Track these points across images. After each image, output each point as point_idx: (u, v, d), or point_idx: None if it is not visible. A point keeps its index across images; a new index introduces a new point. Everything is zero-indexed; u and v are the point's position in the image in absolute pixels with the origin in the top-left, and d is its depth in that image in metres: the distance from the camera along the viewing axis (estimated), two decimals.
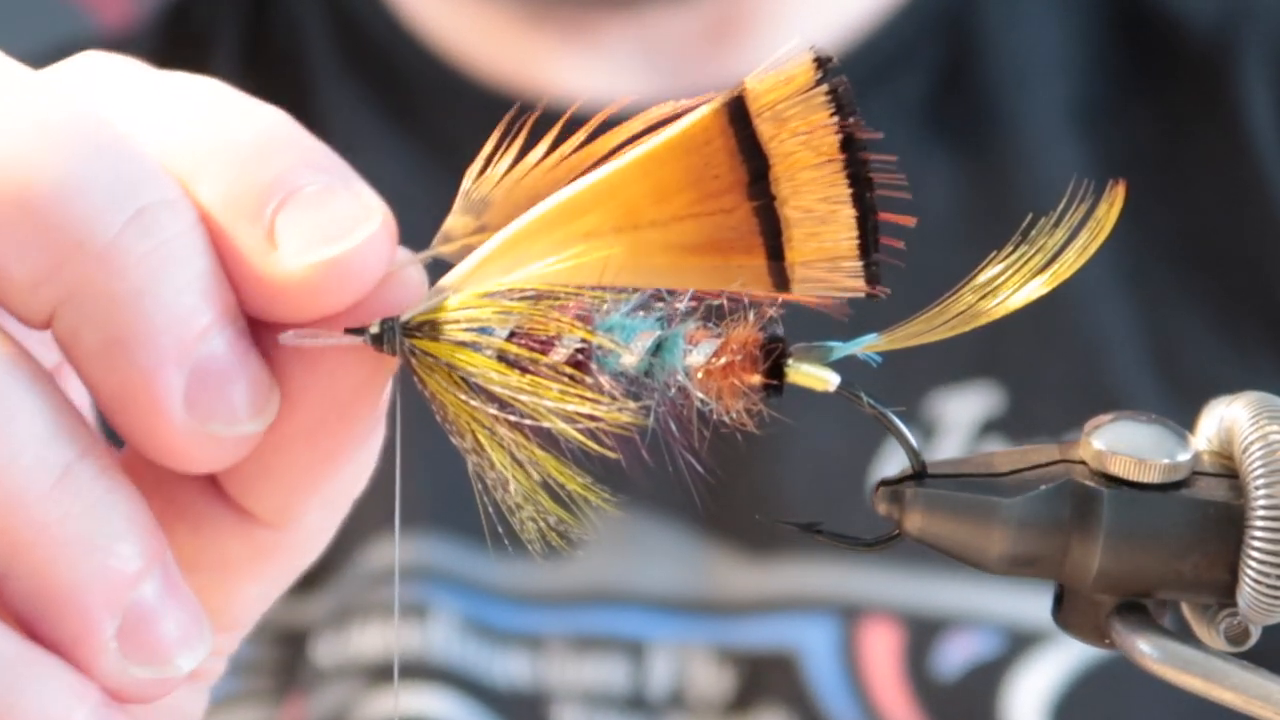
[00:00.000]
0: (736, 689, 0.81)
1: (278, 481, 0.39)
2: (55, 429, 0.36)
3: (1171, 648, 0.39)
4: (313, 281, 0.36)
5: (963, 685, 0.81)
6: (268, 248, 0.36)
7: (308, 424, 0.38)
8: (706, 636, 0.81)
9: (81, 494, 0.36)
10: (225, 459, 0.38)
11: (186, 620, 0.37)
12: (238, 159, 0.37)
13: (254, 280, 0.37)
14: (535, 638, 0.82)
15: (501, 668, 0.81)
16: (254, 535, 0.40)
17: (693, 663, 0.81)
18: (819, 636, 0.81)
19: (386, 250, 0.37)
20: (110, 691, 0.37)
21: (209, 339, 0.36)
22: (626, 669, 0.81)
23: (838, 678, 0.81)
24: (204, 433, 0.36)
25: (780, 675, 0.80)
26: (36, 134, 0.36)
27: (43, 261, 0.36)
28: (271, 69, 0.93)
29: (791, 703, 0.80)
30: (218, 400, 0.36)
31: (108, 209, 0.36)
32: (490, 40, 0.91)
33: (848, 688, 0.81)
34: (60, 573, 0.36)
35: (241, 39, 0.94)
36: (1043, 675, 0.80)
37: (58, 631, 0.36)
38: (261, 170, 0.37)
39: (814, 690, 0.81)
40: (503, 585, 0.82)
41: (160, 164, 0.37)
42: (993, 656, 0.81)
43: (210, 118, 0.38)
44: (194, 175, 0.37)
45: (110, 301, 0.36)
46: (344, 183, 0.37)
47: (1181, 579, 0.39)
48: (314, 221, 0.36)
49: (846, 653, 0.81)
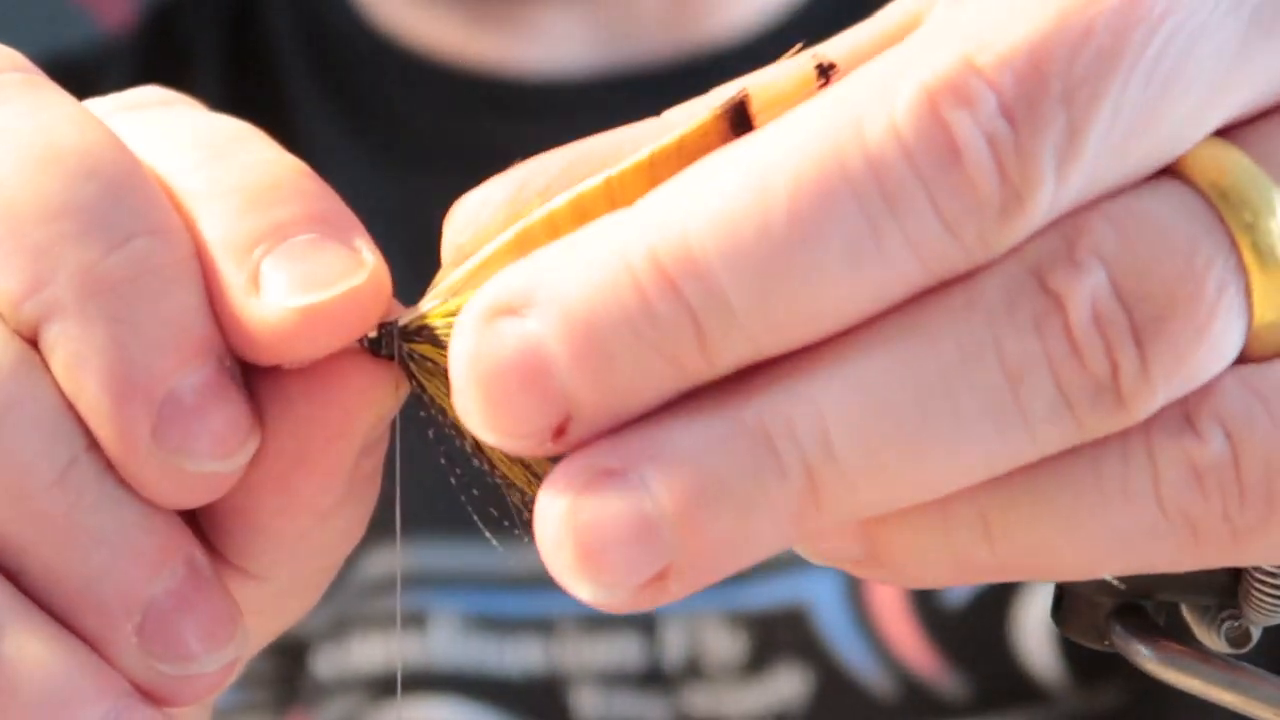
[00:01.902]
0: (751, 650, 0.81)
1: (255, 528, 0.39)
2: (57, 424, 0.36)
3: (1171, 649, 0.39)
4: (287, 327, 0.36)
5: (970, 611, 0.81)
6: (250, 290, 0.36)
7: (286, 470, 0.38)
8: (716, 603, 0.82)
9: (87, 488, 0.36)
10: (194, 497, 0.37)
11: (212, 620, 0.37)
12: (242, 202, 0.37)
13: (235, 321, 0.37)
14: (546, 620, 0.82)
15: (514, 657, 0.81)
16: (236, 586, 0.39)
17: (705, 630, 0.82)
18: (826, 587, 0.81)
19: (371, 305, 0.37)
20: (139, 688, 0.37)
21: (183, 373, 0.36)
22: (640, 644, 0.82)
23: (848, 624, 0.81)
24: (171, 466, 0.36)
25: (792, 630, 0.81)
26: (36, 154, 0.36)
27: (24, 278, 0.36)
28: (250, 77, 0.93)
29: (806, 656, 0.81)
30: (185, 435, 0.36)
31: (95, 234, 0.36)
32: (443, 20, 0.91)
33: (859, 632, 0.81)
34: (71, 568, 0.36)
35: (222, 47, 0.94)
36: (1050, 592, 0.81)
37: (80, 627, 0.36)
38: (261, 215, 0.37)
39: (827, 640, 0.81)
40: (508, 573, 0.82)
41: (164, 197, 0.37)
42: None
43: (228, 159, 0.38)
44: (200, 213, 0.37)
45: (85, 326, 0.36)
46: (341, 235, 0.37)
47: (1181, 580, 0.39)
48: (300, 269, 0.36)
49: (854, 598, 0.81)
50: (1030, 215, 0.32)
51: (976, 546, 0.34)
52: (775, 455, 0.33)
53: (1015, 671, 0.81)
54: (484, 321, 0.33)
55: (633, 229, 0.33)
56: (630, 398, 0.33)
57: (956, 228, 0.32)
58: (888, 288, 0.33)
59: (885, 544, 0.35)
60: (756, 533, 0.33)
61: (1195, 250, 0.33)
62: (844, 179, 0.32)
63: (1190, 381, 0.33)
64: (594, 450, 0.33)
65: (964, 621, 0.81)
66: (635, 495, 0.33)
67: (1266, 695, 0.38)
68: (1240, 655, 0.39)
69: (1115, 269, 0.32)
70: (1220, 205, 0.33)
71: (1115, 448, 0.34)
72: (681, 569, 0.33)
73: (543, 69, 0.90)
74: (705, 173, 0.33)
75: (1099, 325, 0.32)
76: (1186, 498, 0.33)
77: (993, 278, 0.33)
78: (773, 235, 0.32)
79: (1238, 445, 0.33)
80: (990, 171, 0.31)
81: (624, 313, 0.32)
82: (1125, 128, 0.32)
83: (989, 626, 0.81)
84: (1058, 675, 0.81)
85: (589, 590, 0.33)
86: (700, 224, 0.32)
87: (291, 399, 0.38)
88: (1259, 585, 0.38)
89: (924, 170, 0.32)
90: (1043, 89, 0.31)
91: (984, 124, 0.31)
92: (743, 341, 0.33)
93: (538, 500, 0.34)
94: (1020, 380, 0.32)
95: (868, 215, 0.32)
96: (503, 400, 0.33)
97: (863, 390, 0.33)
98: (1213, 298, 0.32)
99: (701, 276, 0.32)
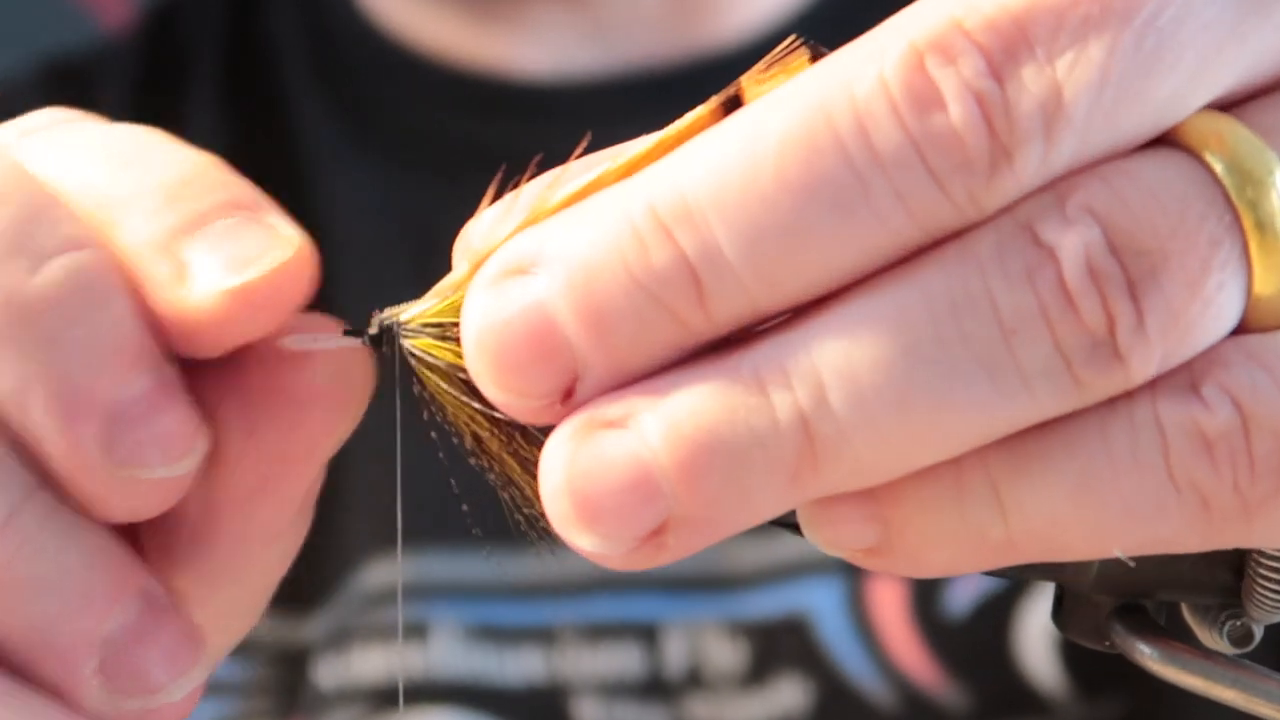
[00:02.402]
0: (752, 660, 0.81)
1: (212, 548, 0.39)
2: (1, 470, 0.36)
3: (1172, 649, 0.39)
4: (223, 310, 0.36)
5: (973, 622, 0.81)
6: (178, 281, 0.36)
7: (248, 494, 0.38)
8: (717, 612, 0.82)
9: (30, 536, 0.36)
10: (149, 506, 0.37)
11: (173, 648, 0.37)
12: (157, 201, 0.37)
13: (169, 315, 0.37)
14: (547, 630, 0.82)
15: (514, 667, 0.81)
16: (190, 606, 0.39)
17: (706, 640, 0.81)
18: (827, 597, 0.81)
19: (301, 277, 0.37)
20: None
21: (125, 384, 0.36)
22: (641, 653, 0.81)
23: (849, 635, 0.81)
24: (124, 478, 0.36)
25: (793, 640, 0.81)
26: None
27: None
28: (250, 77, 0.93)
29: (807, 666, 0.81)
30: (136, 445, 0.36)
31: (12, 260, 0.36)
32: (446, 22, 0.91)
33: (860, 643, 0.81)
34: (23, 616, 0.36)
35: (222, 49, 0.94)
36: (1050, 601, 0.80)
37: (40, 675, 0.36)
38: (178, 209, 0.37)
39: (828, 651, 0.81)
40: (509, 583, 0.82)
41: (74, 212, 0.37)
42: (1000, 588, 0.81)
43: (134, 164, 0.38)
44: (114, 221, 0.37)
45: (19, 353, 0.35)
46: (259, 216, 0.37)
47: (1182, 580, 0.39)
48: (225, 253, 0.36)
49: (855, 609, 0.81)
50: (1019, 173, 0.32)
51: (990, 521, 0.34)
52: (768, 403, 0.33)
53: (1016, 683, 0.81)
54: (493, 283, 0.34)
55: (633, 188, 0.34)
56: (635, 354, 0.34)
57: (945, 183, 0.32)
58: (880, 243, 0.33)
59: (899, 526, 0.35)
60: (753, 487, 0.33)
61: (1188, 206, 0.33)
62: (831, 131, 0.32)
63: (1188, 341, 0.33)
64: (597, 403, 0.34)
65: (965, 632, 0.81)
66: (632, 443, 0.33)
67: (1269, 693, 0.38)
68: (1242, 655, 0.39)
69: (1108, 223, 0.33)
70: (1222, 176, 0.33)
71: (1123, 415, 0.34)
72: (679, 522, 0.34)
73: (544, 71, 0.90)
74: (702, 139, 0.34)
75: (1094, 278, 0.32)
76: (1196, 467, 0.33)
77: (986, 233, 0.33)
78: (762, 184, 0.33)
79: (1247, 416, 0.33)
80: (978, 128, 0.32)
81: (622, 261, 0.33)
82: (1114, 93, 0.33)
83: (990, 637, 0.81)
84: (1059, 686, 0.80)
85: (587, 539, 0.34)
86: (694, 177, 0.33)
87: (256, 426, 0.38)
88: (1264, 578, 0.38)
89: (910, 125, 0.32)
90: (1027, 50, 0.32)
91: (971, 82, 0.32)
92: (739, 295, 0.33)
93: (543, 453, 0.35)
94: (1014, 332, 0.33)
95: (855, 167, 0.32)
96: (511, 357, 0.34)
97: (855, 339, 0.33)
98: (1206, 252, 0.33)
99: (696, 224, 0.33)
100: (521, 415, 0.36)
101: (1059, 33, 0.32)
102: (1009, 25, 0.32)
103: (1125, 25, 0.32)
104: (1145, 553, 0.35)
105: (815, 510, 0.36)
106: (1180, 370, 0.34)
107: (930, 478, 0.34)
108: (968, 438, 0.34)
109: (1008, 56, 0.32)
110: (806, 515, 0.36)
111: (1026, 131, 0.32)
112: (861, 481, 0.34)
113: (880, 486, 0.35)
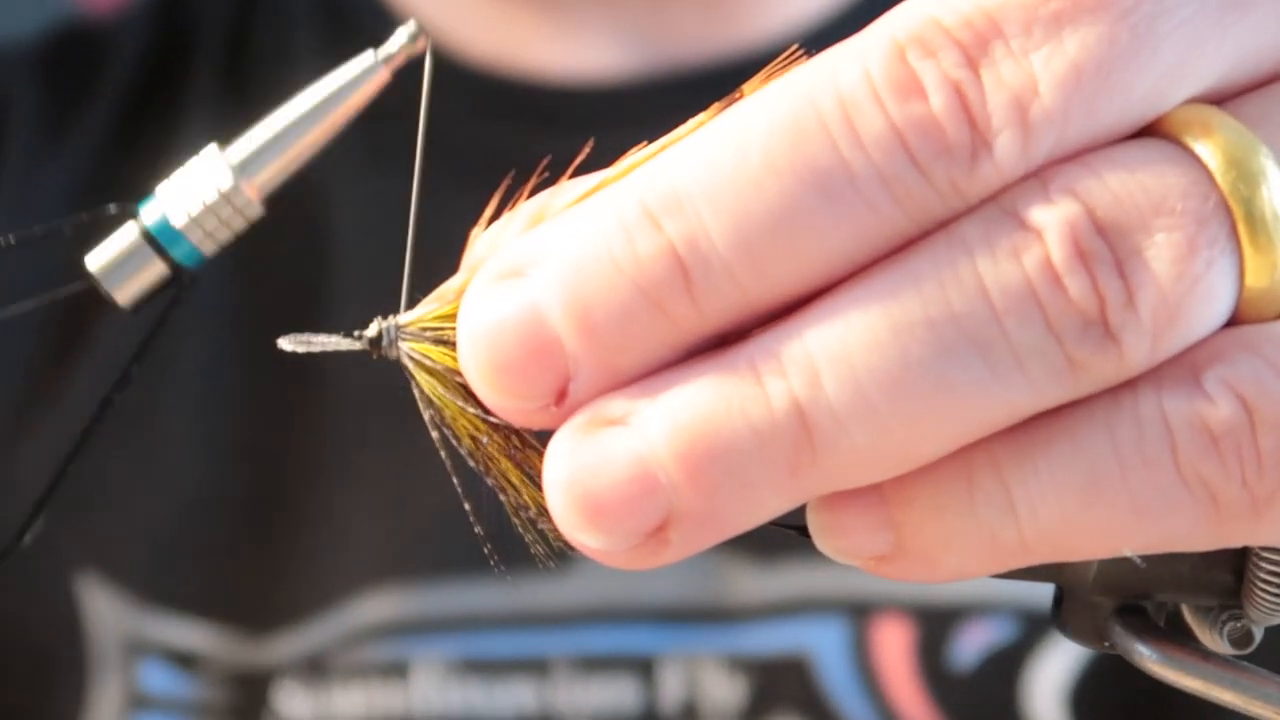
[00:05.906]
0: (749, 697, 0.80)
1: None
2: None
3: (1171, 650, 0.39)
4: None
5: (980, 675, 0.80)
6: None
7: None
8: (716, 646, 0.81)
9: None
10: None
11: None
12: None
13: None
14: (540, 661, 0.81)
15: (505, 700, 0.80)
16: None
17: (704, 674, 0.80)
18: (830, 638, 0.80)
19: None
20: None
21: None
22: (636, 686, 0.80)
23: (851, 679, 0.80)
24: None
25: (793, 680, 0.80)
26: None
27: None
28: (255, 66, 0.92)
29: (805, 707, 0.80)
30: None
31: None
32: (475, 22, 0.90)
33: (861, 688, 0.80)
34: None
35: (227, 35, 0.93)
36: (1062, 657, 0.79)
37: None
38: None
39: (827, 693, 0.80)
40: (500, 612, 0.81)
41: None
42: (1009, 643, 0.80)
43: None
44: None
45: None
46: None
47: (1181, 581, 0.39)
48: None
49: (858, 652, 0.80)
50: (1000, 162, 0.33)
51: (1001, 523, 0.34)
52: (763, 392, 0.33)
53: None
54: (488, 286, 0.35)
55: (625, 185, 0.34)
56: (625, 351, 0.34)
57: (928, 169, 0.33)
58: (868, 231, 0.33)
59: (911, 530, 0.35)
60: (754, 480, 0.33)
61: (1170, 186, 0.33)
62: (817, 118, 0.33)
63: (1181, 320, 0.33)
64: (600, 402, 0.34)
65: (972, 685, 0.80)
66: (632, 438, 0.34)
67: (1269, 695, 0.38)
68: (1241, 657, 0.39)
69: (1091, 204, 0.33)
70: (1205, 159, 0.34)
71: (1127, 410, 0.34)
72: (680, 519, 0.34)
73: (577, 74, 0.89)
74: (693, 134, 0.35)
75: (1081, 259, 0.33)
76: (1204, 463, 0.33)
77: (972, 219, 0.34)
78: (749, 169, 0.33)
79: (1251, 409, 0.33)
80: (957, 117, 0.33)
81: (610, 255, 0.34)
82: (1092, 85, 0.33)
83: (998, 691, 0.80)
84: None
85: (590, 536, 0.34)
86: (683, 167, 0.34)
87: None
88: (1263, 580, 0.38)
89: (893, 113, 0.33)
90: (1001, 43, 0.33)
91: (949, 73, 0.33)
92: (728, 285, 0.33)
93: (546, 452, 0.35)
94: (1006, 313, 0.33)
95: (840, 153, 0.33)
96: (503, 358, 0.34)
97: (847, 324, 0.33)
98: (1193, 229, 0.33)
99: (683, 212, 0.33)
100: (516, 419, 0.36)
101: (1032, 26, 0.33)
102: (983, 21, 0.34)
103: (1099, 19, 0.33)
104: (1154, 551, 0.35)
105: (826, 519, 0.36)
106: (1180, 362, 0.34)
107: (941, 480, 0.34)
108: (968, 425, 0.34)
109: (982, 50, 0.33)
110: (817, 524, 0.36)
111: (1003, 121, 0.33)
112: (865, 475, 0.34)
113: (890, 490, 0.35)
